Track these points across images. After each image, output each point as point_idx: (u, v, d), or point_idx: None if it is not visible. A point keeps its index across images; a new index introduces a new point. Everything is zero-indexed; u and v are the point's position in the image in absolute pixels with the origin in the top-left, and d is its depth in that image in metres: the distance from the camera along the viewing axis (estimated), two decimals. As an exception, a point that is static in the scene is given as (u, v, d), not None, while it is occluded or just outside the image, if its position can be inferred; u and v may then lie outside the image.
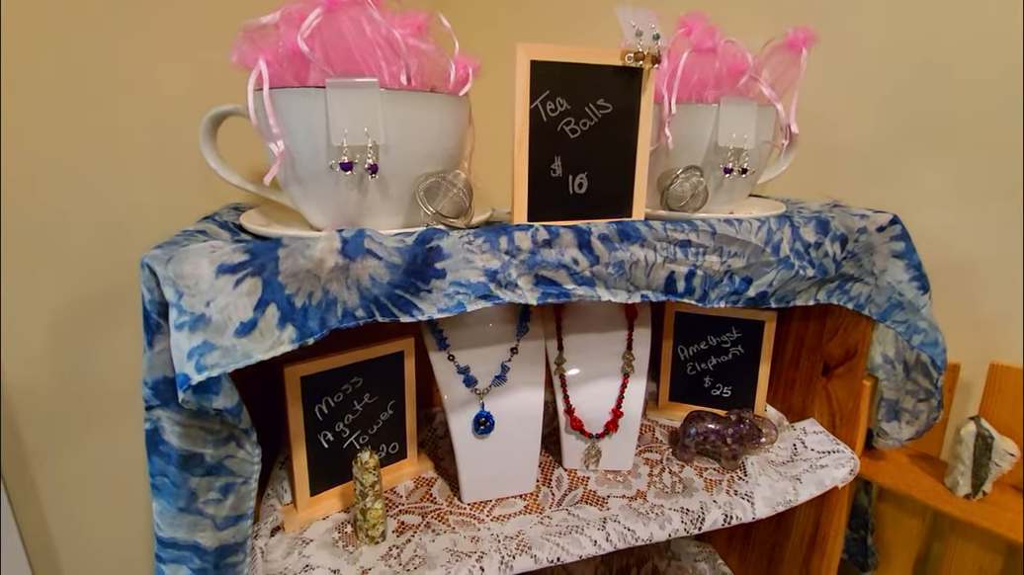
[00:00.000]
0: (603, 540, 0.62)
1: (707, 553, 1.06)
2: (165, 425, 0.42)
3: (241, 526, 0.46)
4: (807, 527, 0.84)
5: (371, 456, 0.58)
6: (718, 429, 0.76)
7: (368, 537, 0.60)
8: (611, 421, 0.73)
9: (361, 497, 0.59)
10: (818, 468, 0.74)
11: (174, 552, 0.43)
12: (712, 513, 0.67)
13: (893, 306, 0.71)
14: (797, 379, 0.84)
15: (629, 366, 0.74)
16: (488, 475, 0.68)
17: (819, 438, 0.78)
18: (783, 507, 0.70)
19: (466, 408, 0.67)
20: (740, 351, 0.85)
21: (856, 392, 0.76)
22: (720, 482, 0.73)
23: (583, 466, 0.75)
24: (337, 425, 0.65)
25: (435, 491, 0.71)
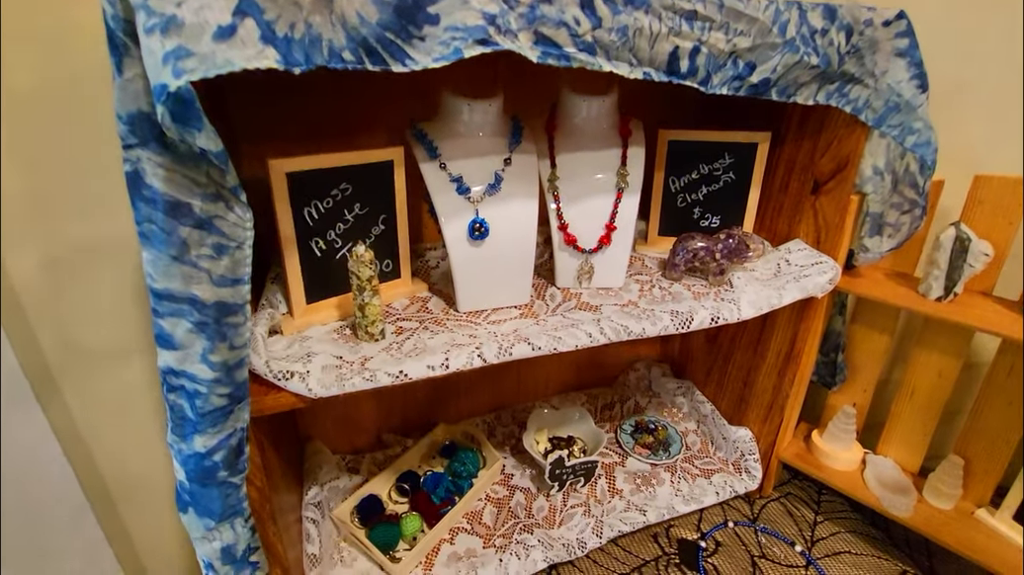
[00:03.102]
0: (597, 333, 0.65)
1: (685, 387, 1.13)
2: (147, 167, 0.39)
3: (239, 289, 0.46)
4: (783, 345, 0.89)
5: (366, 250, 0.57)
6: (707, 246, 0.77)
7: (368, 334, 0.61)
8: (605, 235, 0.73)
9: (359, 292, 0.59)
10: (802, 278, 0.77)
11: (170, 305, 0.42)
12: (700, 314, 0.70)
13: (890, 109, 0.70)
14: (785, 203, 0.85)
15: (623, 181, 0.73)
16: (483, 284, 0.68)
17: (803, 254, 0.80)
18: (767, 309, 0.73)
19: (460, 215, 0.66)
20: (731, 178, 0.85)
21: (843, 206, 0.77)
22: (707, 294, 0.75)
23: (576, 283, 0.77)
24: (328, 233, 0.64)
25: (431, 305, 0.71)
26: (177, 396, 0.46)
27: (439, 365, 0.57)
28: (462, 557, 0.80)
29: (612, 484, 0.95)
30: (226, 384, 0.46)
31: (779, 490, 1.02)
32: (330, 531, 0.81)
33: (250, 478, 0.54)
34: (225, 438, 0.48)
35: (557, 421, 1.03)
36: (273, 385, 0.53)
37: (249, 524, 0.54)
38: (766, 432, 0.96)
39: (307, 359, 0.55)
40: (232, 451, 0.49)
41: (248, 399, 0.50)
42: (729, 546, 0.90)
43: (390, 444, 0.99)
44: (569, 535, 0.84)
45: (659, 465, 0.99)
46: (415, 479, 0.90)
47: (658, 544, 0.90)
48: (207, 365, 0.44)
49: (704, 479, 0.96)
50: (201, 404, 0.45)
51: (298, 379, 0.52)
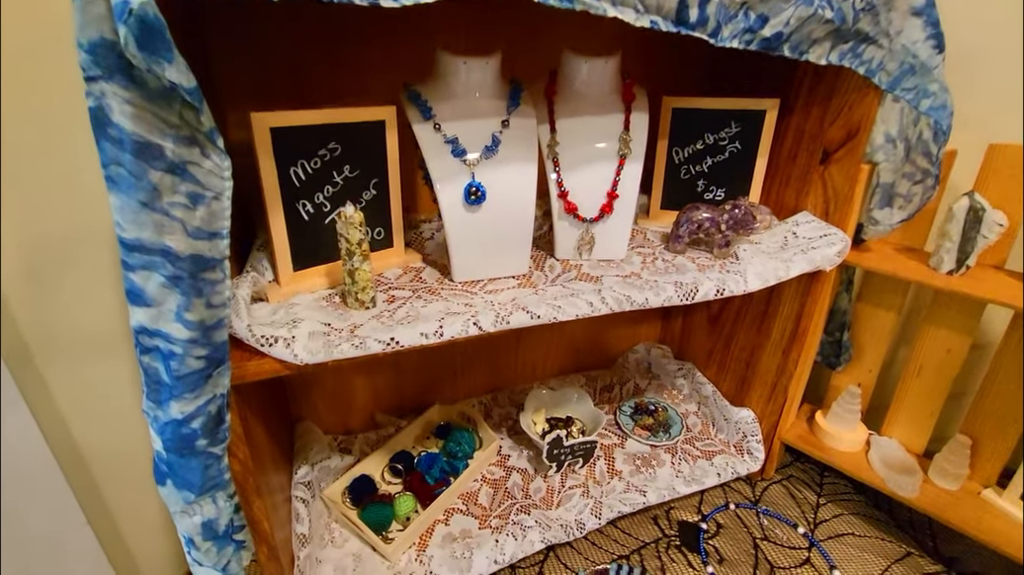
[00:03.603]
0: (599, 302, 0.62)
1: (686, 369, 1.10)
2: (112, 103, 0.36)
3: (217, 243, 0.42)
4: (789, 323, 0.87)
5: (356, 211, 0.54)
6: (712, 217, 0.74)
7: (358, 302, 0.58)
8: (606, 204, 0.70)
9: (348, 256, 0.55)
10: (810, 250, 0.74)
11: (142, 257, 0.39)
12: (705, 286, 0.67)
13: (905, 71, 0.67)
14: (792, 174, 0.82)
15: (626, 147, 0.70)
16: (480, 252, 0.65)
17: (811, 226, 0.78)
18: (774, 281, 0.70)
19: (456, 179, 0.62)
20: (737, 147, 0.82)
21: (853, 175, 0.74)
22: (712, 266, 0.73)
23: (576, 254, 0.74)
24: (316, 196, 0.61)
25: (425, 275, 0.68)
26: (151, 358, 0.43)
27: (433, 333, 0.54)
28: (457, 538, 0.78)
29: (611, 465, 0.93)
30: (203, 345, 0.43)
31: (781, 472, 1.00)
32: (320, 512, 0.79)
33: (232, 450, 0.52)
34: (204, 404, 0.45)
35: (555, 402, 1.01)
36: (256, 351, 0.50)
37: (232, 499, 0.52)
38: (769, 413, 0.94)
39: (293, 325, 0.52)
40: (211, 419, 0.46)
41: (228, 364, 0.46)
42: (731, 528, 0.88)
43: (383, 424, 0.96)
44: (567, 516, 0.82)
45: (659, 446, 0.97)
46: (409, 459, 0.88)
47: (658, 526, 0.88)
48: (182, 324, 0.41)
49: (705, 460, 0.94)
50: (177, 366, 0.42)
51: (283, 345, 0.49)
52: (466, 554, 0.74)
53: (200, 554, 0.51)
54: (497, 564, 0.74)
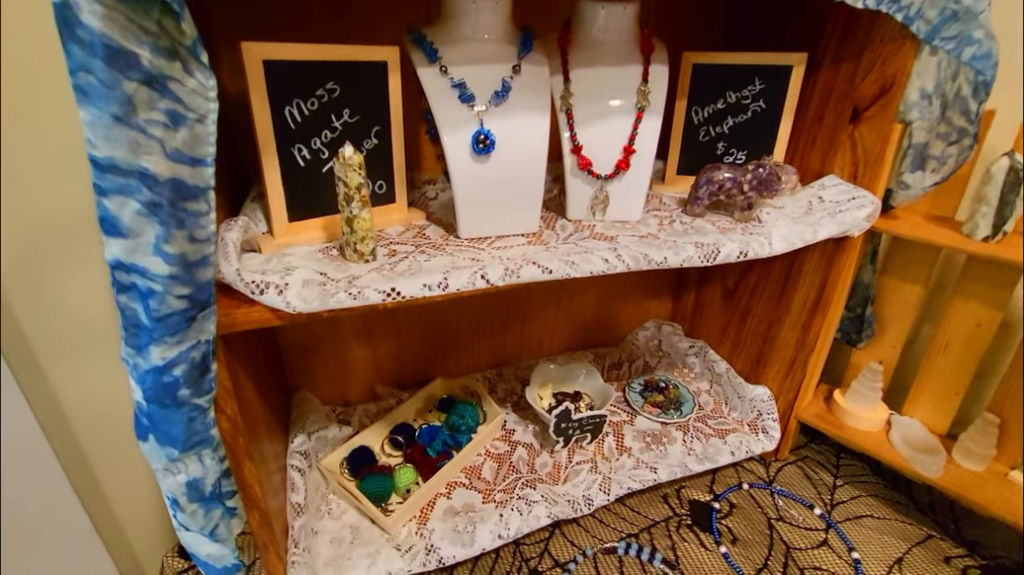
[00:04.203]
0: (614, 259, 0.58)
1: (698, 347, 1.06)
2: (80, 0, 0.32)
3: (200, 171, 0.39)
4: (810, 294, 0.83)
5: (355, 152, 0.50)
6: (734, 177, 0.70)
7: (356, 253, 0.54)
8: (622, 159, 0.66)
9: (346, 202, 0.51)
10: (837, 213, 0.70)
11: (116, 179, 0.35)
12: (727, 247, 0.63)
13: (946, 19, 0.62)
14: (819, 135, 0.77)
15: (644, 99, 0.66)
16: (488, 206, 0.61)
17: (838, 189, 0.73)
18: (800, 244, 0.66)
19: (463, 126, 0.58)
20: (761, 107, 0.77)
21: (885, 134, 0.70)
22: (734, 229, 0.69)
23: (589, 214, 0.70)
24: (313, 141, 0.57)
25: (429, 232, 0.64)
26: (129, 298, 0.39)
27: (436, 285, 0.50)
28: (459, 512, 0.74)
29: (620, 442, 0.89)
30: (185, 283, 0.39)
31: (795, 453, 0.97)
32: (317, 483, 0.75)
33: (221, 406, 0.48)
34: (187, 350, 0.41)
35: (562, 377, 0.97)
36: (246, 299, 0.46)
37: (220, 459, 0.48)
38: (786, 390, 0.90)
39: (286, 272, 0.48)
40: (195, 367, 0.42)
41: (214, 308, 0.43)
42: (744, 508, 0.85)
43: (384, 397, 0.93)
44: (575, 492, 0.78)
45: (670, 424, 0.93)
46: (410, 432, 0.84)
47: (668, 505, 0.85)
48: (162, 257, 0.37)
49: (718, 439, 0.91)
50: (156, 306, 0.38)
51: (274, 291, 0.45)
52: (469, 528, 0.71)
53: (186, 517, 0.48)
54: (501, 539, 0.71)
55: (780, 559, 0.77)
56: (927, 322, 0.98)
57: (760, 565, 0.76)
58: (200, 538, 0.50)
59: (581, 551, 0.76)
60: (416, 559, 0.67)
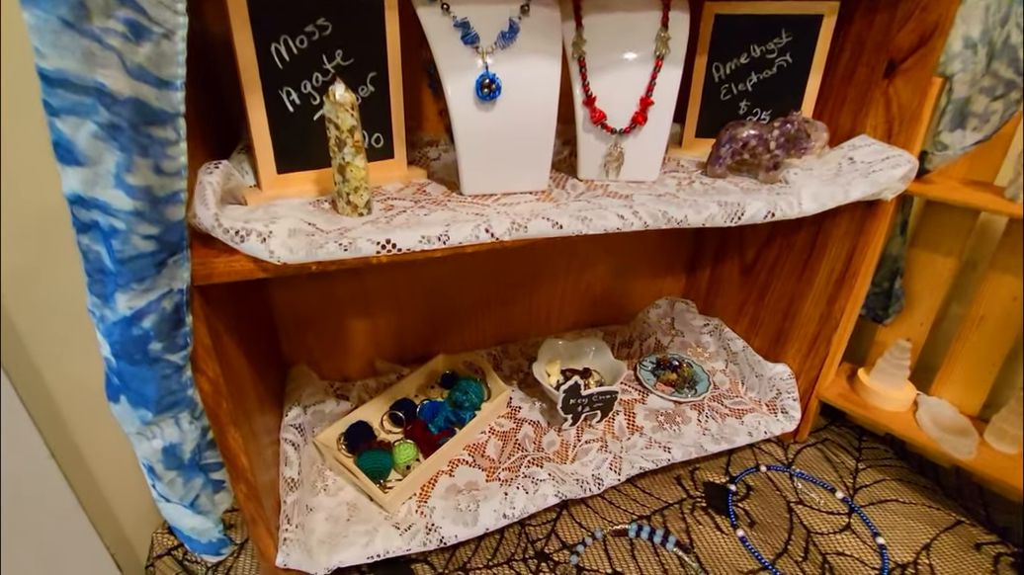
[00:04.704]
0: (631, 215, 0.53)
1: (714, 325, 1.02)
2: None
3: (168, 95, 0.34)
4: (837, 265, 0.77)
5: (347, 91, 0.45)
6: (760, 134, 0.65)
7: (350, 205, 0.50)
8: (639, 112, 0.61)
9: (338, 147, 0.47)
10: (870, 173, 0.65)
11: (68, 96, 0.30)
12: (753, 206, 0.58)
13: (1000, -46, 0.57)
14: (849, 93, 0.72)
15: (664, 46, 0.61)
16: (493, 159, 0.57)
17: (871, 149, 0.68)
18: (831, 204, 0.61)
19: (466, 70, 0.53)
20: (788, 61, 0.72)
21: (923, 88, 0.64)
22: (759, 190, 0.64)
23: (602, 173, 0.65)
24: (303, 84, 0.52)
25: (429, 190, 0.60)
26: (91, 239, 0.35)
27: (436, 237, 0.46)
28: (462, 490, 0.71)
29: (631, 421, 0.85)
30: (152, 221, 0.35)
31: (815, 436, 0.92)
32: (313, 458, 0.72)
33: (200, 367, 0.44)
34: (156, 299, 0.37)
35: (571, 353, 0.93)
36: (227, 248, 0.42)
37: (199, 424, 0.44)
38: (808, 368, 0.85)
39: (271, 221, 0.43)
40: (166, 318, 0.38)
41: (187, 254, 0.39)
42: (762, 491, 0.81)
43: (384, 372, 0.89)
44: (584, 471, 0.74)
45: (684, 403, 0.89)
46: (411, 408, 0.80)
47: (682, 487, 0.80)
48: (124, 190, 0.33)
49: (735, 419, 0.86)
50: (119, 247, 0.34)
51: (257, 239, 0.40)
52: (471, 507, 0.67)
53: (164, 486, 0.44)
54: (506, 518, 0.67)
55: (801, 543, 0.73)
56: (956, 300, 0.93)
57: (780, 549, 0.72)
58: (181, 510, 0.46)
59: (590, 533, 0.72)
60: (416, 538, 0.63)
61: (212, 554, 0.51)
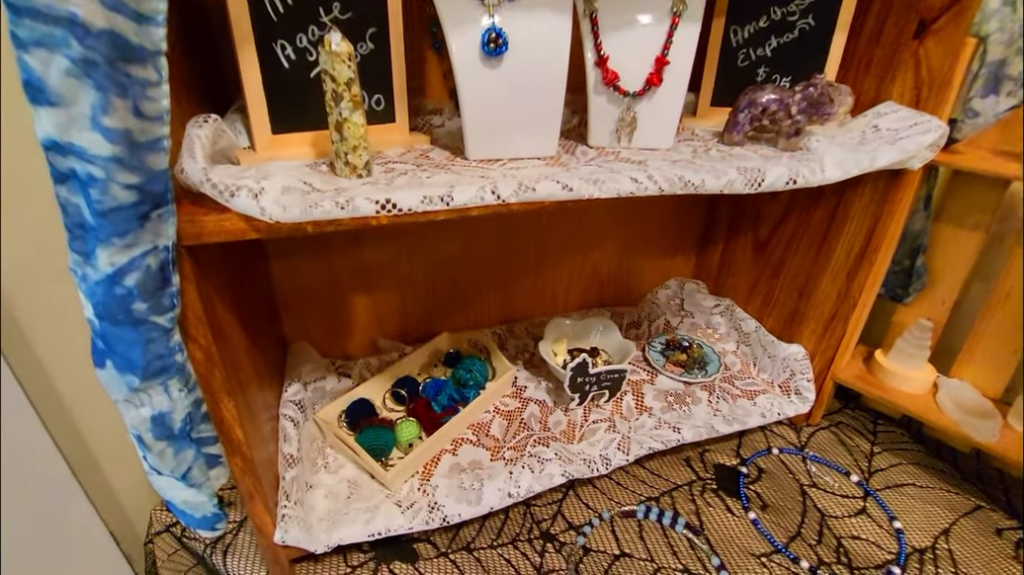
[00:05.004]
0: (645, 179, 0.50)
1: (725, 306, 0.99)
2: None
3: (148, 30, 0.31)
4: (857, 241, 0.74)
5: (343, 40, 0.43)
6: (780, 98, 0.62)
7: (348, 166, 0.47)
8: (654, 73, 0.58)
9: (334, 102, 0.44)
10: (897, 140, 0.61)
11: (36, 27, 0.28)
12: (774, 171, 0.55)
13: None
14: (874, 57, 0.68)
15: (681, 2, 0.57)
16: (500, 122, 0.54)
17: (897, 116, 0.64)
18: (856, 172, 0.58)
19: (471, 23, 0.50)
20: (810, 24, 0.68)
21: (955, 49, 0.61)
22: (779, 157, 0.60)
23: (613, 140, 0.62)
24: (299, 38, 0.49)
25: (433, 155, 0.57)
26: (69, 190, 0.32)
27: (439, 198, 0.43)
28: (465, 469, 0.69)
29: (640, 401, 0.82)
30: (132, 169, 0.32)
31: (828, 419, 0.90)
32: (313, 436, 0.70)
33: (192, 334, 0.42)
34: (140, 256, 0.35)
35: (578, 332, 0.90)
36: (217, 206, 0.39)
37: (189, 392, 0.42)
38: (823, 349, 0.82)
39: (264, 179, 0.41)
40: (151, 276, 0.36)
41: (172, 208, 0.36)
42: (774, 474, 0.78)
43: (386, 350, 0.87)
44: (591, 451, 0.72)
45: (694, 383, 0.86)
46: (414, 386, 0.78)
47: (691, 468, 0.78)
48: (101, 133, 0.31)
49: (747, 400, 0.84)
50: (98, 196, 0.32)
51: (247, 195, 0.38)
52: (475, 485, 0.65)
53: (154, 458, 0.42)
54: (511, 498, 0.65)
55: (815, 527, 0.70)
56: (979, 279, 0.89)
57: (793, 532, 0.69)
58: (173, 482, 0.45)
59: (597, 514, 0.70)
60: (418, 516, 0.61)
61: (207, 529, 0.50)
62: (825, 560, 0.66)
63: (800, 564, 0.65)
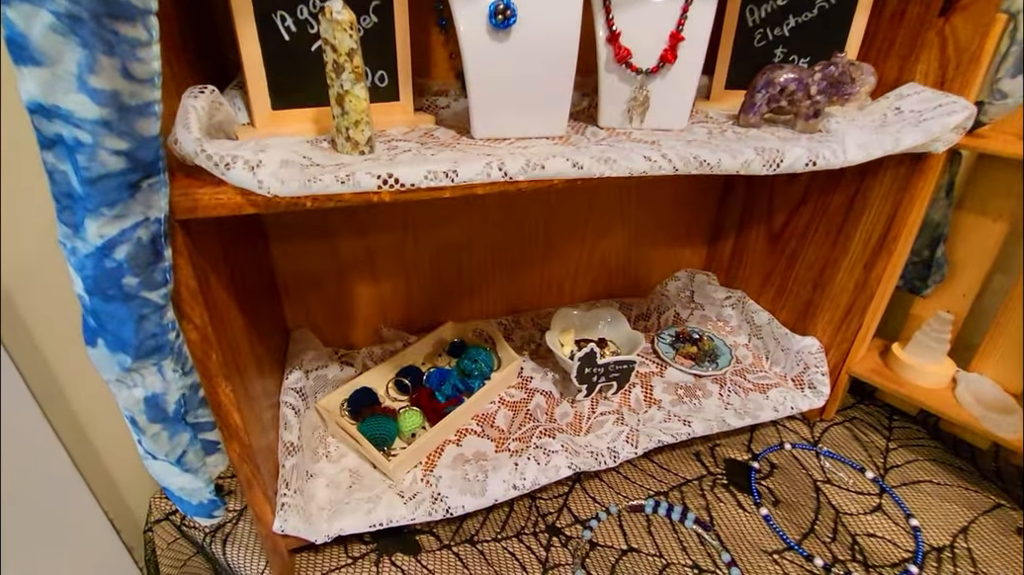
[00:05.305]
0: (659, 157, 0.48)
1: (737, 297, 0.96)
2: None
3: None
4: (876, 229, 0.72)
5: (345, 8, 0.41)
6: (799, 78, 0.59)
7: (350, 142, 0.45)
8: (668, 49, 0.56)
9: (335, 73, 0.42)
10: (921, 122, 0.59)
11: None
12: (793, 153, 0.53)
13: None
14: (898, 36, 0.65)
15: (696, -24, 0.55)
16: (508, 99, 0.52)
17: (920, 97, 0.62)
18: (879, 154, 0.56)
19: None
20: (830, 2, 0.65)
21: (985, 25, 0.58)
22: (798, 139, 0.58)
23: (625, 120, 0.60)
24: (299, 9, 0.47)
25: (438, 134, 0.55)
26: (56, 157, 0.31)
27: (443, 173, 0.41)
28: (470, 459, 0.67)
29: (648, 393, 0.80)
30: (121, 133, 0.31)
31: (842, 414, 0.87)
32: (315, 424, 0.69)
33: (187, 313, 0.40)
34: (130, 228, 0.33)
35: (585, 323, 0.88)
36: (213, 179, 0.38)
37: (184, 373, 0.41)
38: (839, 341, 0.80)
39: (261, 151, 0.39)
40: (142, 249, 0.34)
41: (164, 178, 0.35)
42: (787, 469, 0.76)
43: (390, 340, 0.85)
44: (599, 443, 0.70)
45: (705, 376, 0.84)
46: (417, 375, 0.77)
47: (701, 463, 0.76)
48: (88, 95, 0.29)
49: (759, 394, 0.81)
50: (86, 163, 0.30)
51: (244, 167, 0.36)
52: (480, 476, 0.63)
53: (149, 441, 0.41)
54: (516, 490, 0.63)
55: (829, 523, 0.68)
56: (1001, 271, 0.86)
57: (806, 529, 0.67)
58: (168, 467, 0.43)
59: (604, 508, 0.68)
60: (421, 507, 0.60)
61: (204, 516, 0.48)
62: (840, 558, 0.64)
63: (814, 562, 0.63)
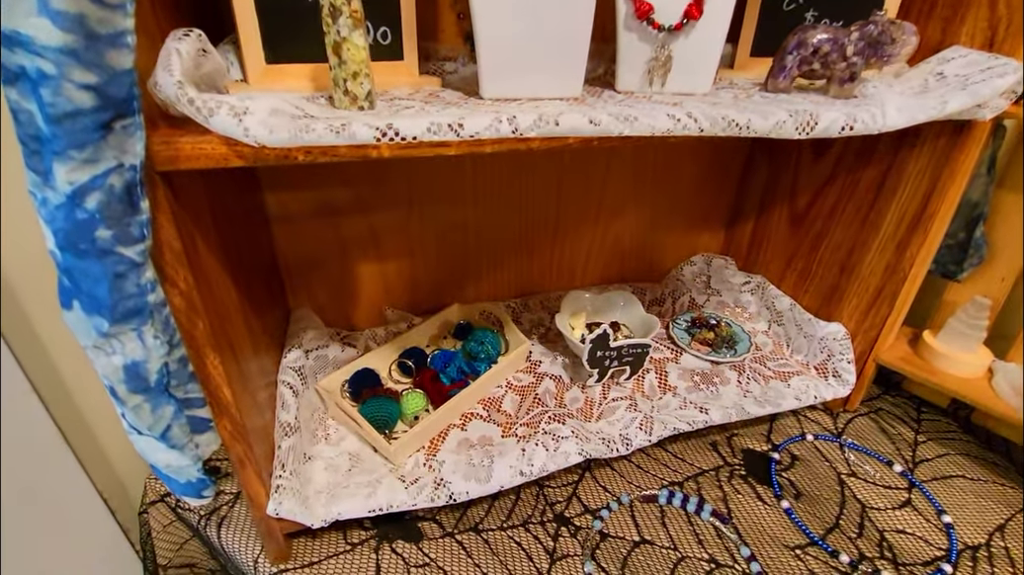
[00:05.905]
0: (684, 116, 0.44)
1: (756, 283, 0.92)
2: None
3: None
4: (911, 207, 0.67)
5: (343, -55, 0.37)
6: (834, 38, 0.55)
7: (348, 96, 0.42)
8: (694, 3, 0.51)
9: (331, 18, 0.39)
10: (968, 86, 0.54)
11: None
12: (828, 115, 0.48)
13: None
14: None
15: (725, -76, 0.51)
16: (519, 55, 0.48)
17: (966, 60, 0.57)
18: (923, 118, 0.51)
19: (488, -60, 0.45)
20: (867, -41, 0.61)
21: (1043, -18, 0.53)
22: (832, 102, 0.54)
23: (644, 84, 0.56)
24: (296, -46, 0.44)
25: (444, 95, 0.52)
26: (20, 93, 0.28)
27: (447, 126, 0.38)
28: (475, 444, 0.64)
29: (663, 380, 0.77)
30: (89, 65, 0.28)
31: (867, 405, 0.83)
32: (314, 405, 0.66)
33: (171, 277, 0.37)
34: (102, 175, 0.30)
35: (598, 306, 0.85)
36: (197, 127, 0.35)
37: (175, 347, 0.38)
38: (866, 328, 0.75)
39: (250, 98, 0.36)
40: (116, 198, 0.31)
41: (139, 120, 0.31)
42: (809, 461, 0.72)
43: (394, 321, 0.82)
44: (610, 430, 0.67)
45: (722, 363, 0.80)
46: (421, 357, 0.74)
47: (718, 453, 0.73)
48: (50, 18, 0.26)
49: (780, 382, 0.77)
50: (51, 98, 0.27)
51: (229, 113, 0.33)
52: (485, 462, 0.60)
53: (131, 414, 0.38)
54: (523, 476, 0.60)
55: (854, 519, 0.64)
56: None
57: (831, 524, 0.64)
58: (153, 443, 0.41)
59: (616, 498, 0.65)
60: (423, 492, 0.57)
61: (193, 496, 0.46)
62: (867, 554, 0.60)
63: (839, 558, 0.59)
